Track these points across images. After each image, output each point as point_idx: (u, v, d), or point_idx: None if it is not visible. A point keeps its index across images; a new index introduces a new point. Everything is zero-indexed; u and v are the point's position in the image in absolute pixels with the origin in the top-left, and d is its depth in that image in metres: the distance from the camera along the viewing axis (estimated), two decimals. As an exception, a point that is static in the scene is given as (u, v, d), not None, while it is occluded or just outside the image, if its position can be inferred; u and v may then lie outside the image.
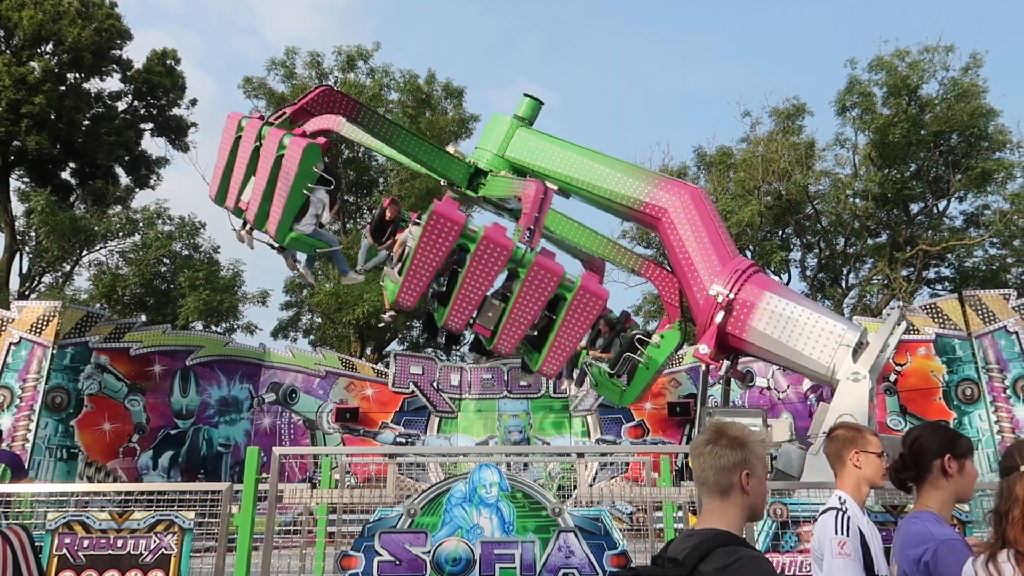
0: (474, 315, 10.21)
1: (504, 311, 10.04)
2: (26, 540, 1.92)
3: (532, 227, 9.62)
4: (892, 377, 17.15)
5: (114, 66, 27.70)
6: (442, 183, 12.46)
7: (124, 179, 29.43)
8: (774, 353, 10.09)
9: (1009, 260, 27.81)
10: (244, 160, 10.80)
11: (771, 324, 9.81)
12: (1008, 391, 15.79)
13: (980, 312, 16.37)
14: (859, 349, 9.59)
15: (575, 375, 12.67)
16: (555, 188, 11.12)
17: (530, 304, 9.91)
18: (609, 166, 11.43)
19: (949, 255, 27.97)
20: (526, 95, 12.39)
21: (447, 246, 9.75)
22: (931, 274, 28.82)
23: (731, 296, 9.94)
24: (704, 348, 9.91)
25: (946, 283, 28.34)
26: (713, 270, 10.24)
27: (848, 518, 2.94)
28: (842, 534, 2.88)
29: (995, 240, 27.11)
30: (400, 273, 10.25)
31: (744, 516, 2.30)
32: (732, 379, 12.15)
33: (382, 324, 10.47)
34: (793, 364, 10.00)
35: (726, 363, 10.48)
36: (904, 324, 10.72)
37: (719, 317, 9.93)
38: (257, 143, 10.54)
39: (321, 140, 10.63)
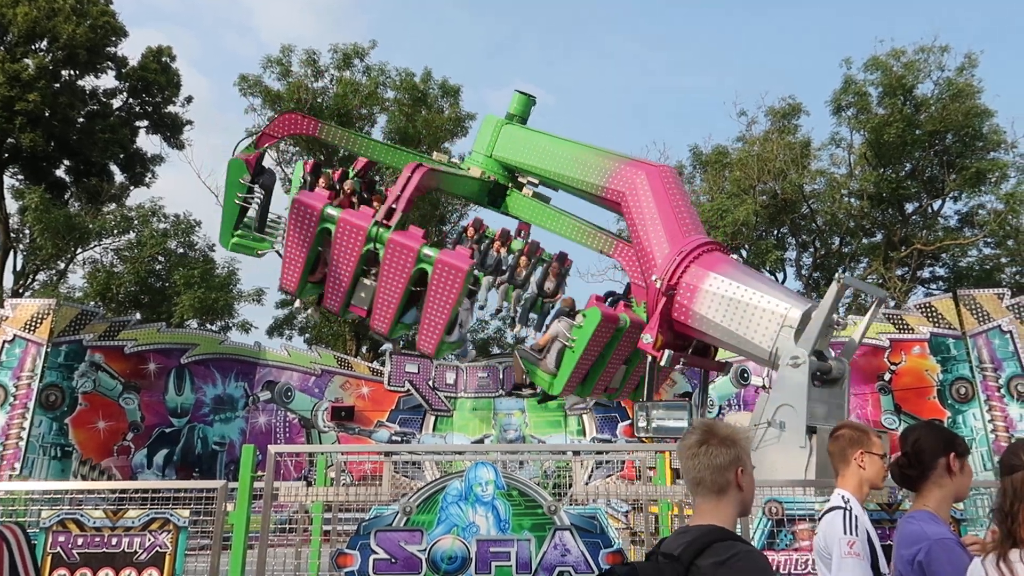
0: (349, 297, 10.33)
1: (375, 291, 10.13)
2: (22, 538, 1.91)
3: (394, 204, 9.76)
4: (887, 376, 17.21)
5: (109, 63, 27.62)
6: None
7: (119, 177, 29.36)
8: (720, 339, 9.25)
9: (1003, 259, 27.93)
10: (351, 262, 10.19)
11: (713, 307, 8.98)
12: (1002, 390, 15.85)
13: (974, 311, 16.42)
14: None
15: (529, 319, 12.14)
16: (535, 185, 11.16)
17: (392, 281, 9.86)
18: (579, 152, 11.05)
19: (944, 254, 28.07)
20: (517, 91, 12.36)
21: (311, 232, 10.04)
22: (926, 273, 28.94)
23: (671, 281, 9.21)
24: (647, 338, 9.33)
25: (940, 282, 28.45)
26: (662, 253, 9.57)
27: (855, 517, 2.95)
28: (851, 533, 2.89)
29: (989, 240, 27.22)
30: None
31: (737, 512, 2.34)
32: (707, 373, 11.77)
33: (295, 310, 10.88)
34: (740, 350, 9.20)
35: (667, 352, 9.27)
36: (881, 302, 9.65)
37: (662, 304, 9.29)
38: (369, 246, 9.99)
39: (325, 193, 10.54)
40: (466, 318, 11.21)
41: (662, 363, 9.27)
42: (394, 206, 9.81)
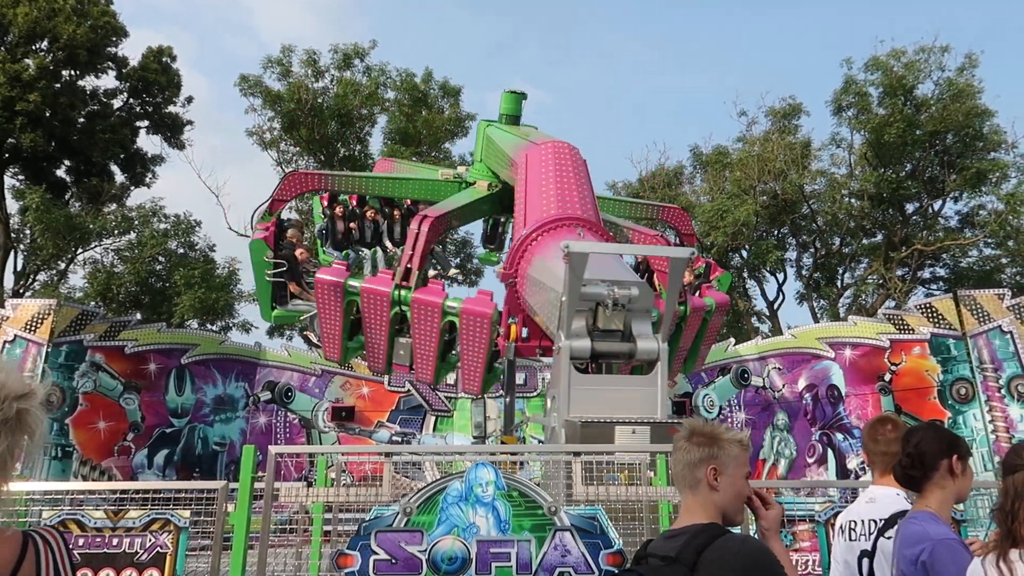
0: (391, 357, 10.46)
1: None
2: (62, 543, 1.89)
3: (409, 264, 9.81)
4: (887, 376, 17.21)
5: (109, 63, 27.63)
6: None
7: (119, 177, 29.37)
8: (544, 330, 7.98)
9: (1004, 260, 27.93)
10: (383, 327, 10.27)
11: (530, 294, 8.00)
12: (1002, 391, 15.85)
13: (975, 312, 16.42)
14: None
15: None
16: (440, 213, 10.86)
17: (425, 336, 9.98)
18: (511, 145, 10.70)
19: (944, 255, 28.07)
20: (505, 91, 12.25)
21: (338, 306, 10.16)
22: (926, 274, 28.94)
23: (510, 270, 8.51)
24: (499, 330, 9.12)
25: (941, 283, 28.45)
26: (518, 236, 8.79)
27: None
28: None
29: (990, 240, 27.22)
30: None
31: (717, 516, 2.28)
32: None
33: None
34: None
35: (509, 344, 8.67)
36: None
37: (507, 294, 8.84)
38: (396, 309, 10.06)
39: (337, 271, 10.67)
40: None
41: (506, 355, 8.87)
42: (409, 266, 9.84)
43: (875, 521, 3.22)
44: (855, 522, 3.40)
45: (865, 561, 3.21)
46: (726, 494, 2.28)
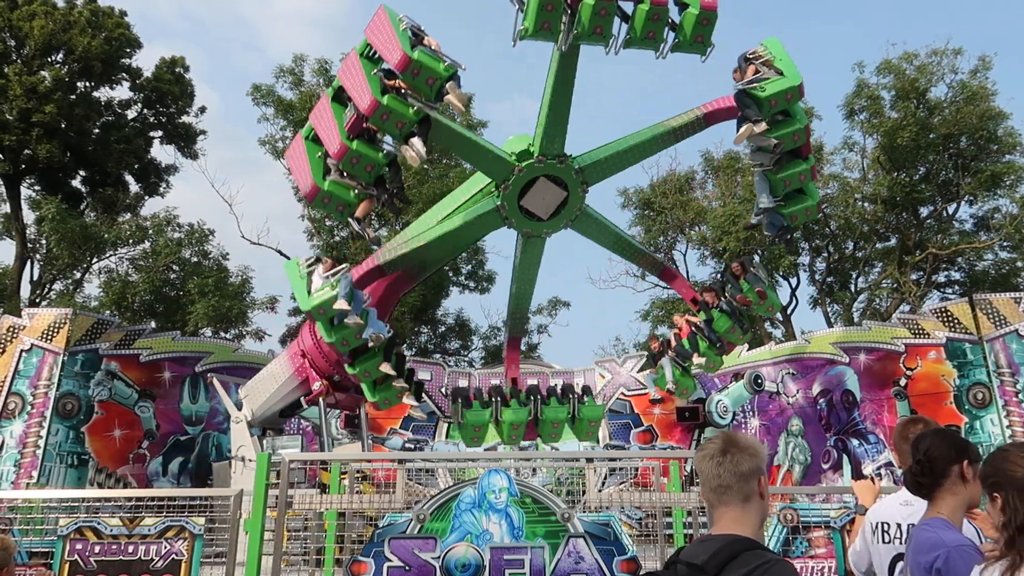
0: None
1: None
2: None
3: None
4: (903, 381, 17.08)
5: (124, 75, 27.89)
6: None
7: (134, 187, 29.59)
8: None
9: (1019, 264, 27.64)
10: None
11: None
12: (1020, 395, 15.69)
13: (991, 316, 16.27)
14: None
15: None
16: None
17: None
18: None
19: (959, 259, 27.82)
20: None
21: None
22: (941, 278, 28.68)
23: None
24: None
25: (956, 287, 28.19)
26: None
27: None
28: None
29: (1005, 243, 26.95)
30: None
31: (760, 521, 2.35)
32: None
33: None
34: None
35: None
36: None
37: None
38: None
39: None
40: None
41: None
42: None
43: (911, 526, 3.19)
44: (888, 523, 3.37)
45: (899, 564, 3.18)
46: (767, 501, 2.38)
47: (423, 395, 13.49)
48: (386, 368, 11.05)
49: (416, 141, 9.65)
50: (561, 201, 11.58)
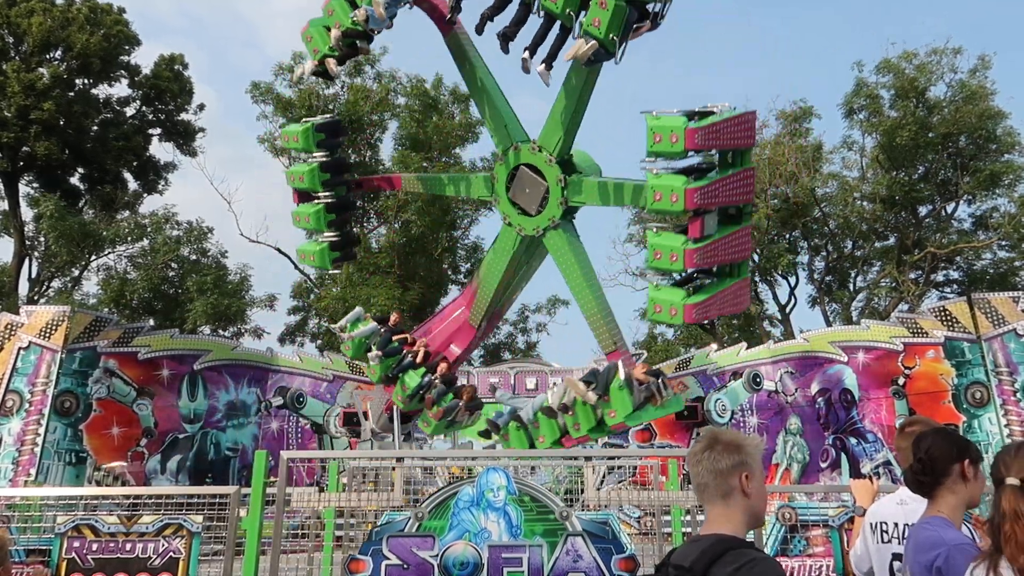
0: None
1: None
2: None
3: None
4: (901, 380, 17.09)
5: (122, 72, 27.88)
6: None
7: (132, 184, 29.59)
8: None
9: (1018, 263, 27.67)
10: None
11: None
12: (1018, 394, 15.70)
13: (989, 315, 16.28)
14: None
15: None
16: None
17: None
18: None
19: (957, 258, 27.84)
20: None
21: None
22: (939, 277, 28.71)
23: None
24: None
25: (955, 286, 28.22)
26: None
27: None
28: None
29: (1004, 243, 26.98)
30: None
31: (747, 519, 2.30)
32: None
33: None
34: None
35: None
36: None
37: None
38: None
39: None
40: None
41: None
42: None
43: (908, 525, 3.20)
44: (886, 523, 3.38)
45: (896, 563, 3.19)
46: (757, 497, 2.30)
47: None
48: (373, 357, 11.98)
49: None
50: (543, 193, 11.51)
